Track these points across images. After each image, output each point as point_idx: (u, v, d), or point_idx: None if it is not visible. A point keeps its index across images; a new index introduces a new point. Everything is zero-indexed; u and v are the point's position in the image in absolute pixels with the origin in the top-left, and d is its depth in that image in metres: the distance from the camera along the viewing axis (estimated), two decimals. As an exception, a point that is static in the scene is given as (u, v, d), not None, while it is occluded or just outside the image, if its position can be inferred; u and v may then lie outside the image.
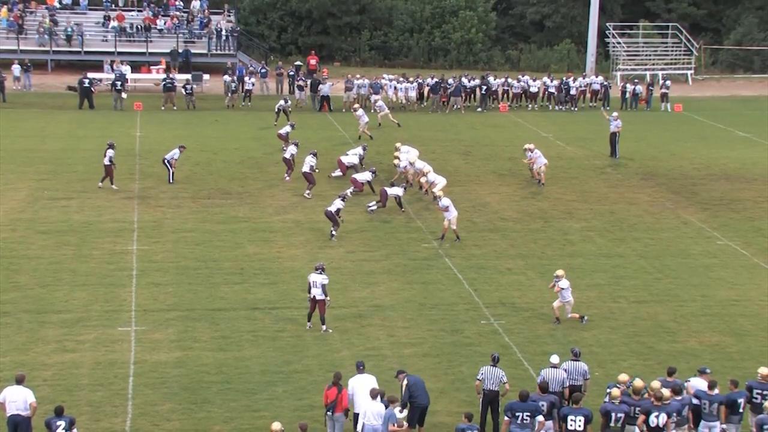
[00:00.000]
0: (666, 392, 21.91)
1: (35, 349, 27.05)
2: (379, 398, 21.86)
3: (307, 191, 41.92)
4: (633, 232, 38.68)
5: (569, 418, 21.59)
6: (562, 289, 29.41)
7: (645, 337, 29.02)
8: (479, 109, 63.11)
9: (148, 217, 38.48)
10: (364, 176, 42.40)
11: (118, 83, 59.79)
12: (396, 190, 40.36)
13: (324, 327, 28.59)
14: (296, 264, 33.90)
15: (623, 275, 34.06)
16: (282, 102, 55.81)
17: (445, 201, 36.80)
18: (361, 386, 22.56)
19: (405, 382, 22.83)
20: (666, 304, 31.59)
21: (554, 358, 23.62)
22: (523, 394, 21.96)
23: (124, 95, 59.58)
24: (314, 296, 28.46)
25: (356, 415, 22.40)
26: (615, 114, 51.78)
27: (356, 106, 55.86)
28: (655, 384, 22.09)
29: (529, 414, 21.72)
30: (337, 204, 36.64)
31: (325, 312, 28.59)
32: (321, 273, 28.61)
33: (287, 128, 49.45)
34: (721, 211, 41.63)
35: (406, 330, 29.08)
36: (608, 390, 22.42)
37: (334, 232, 36.51)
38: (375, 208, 39.85)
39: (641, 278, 33.85)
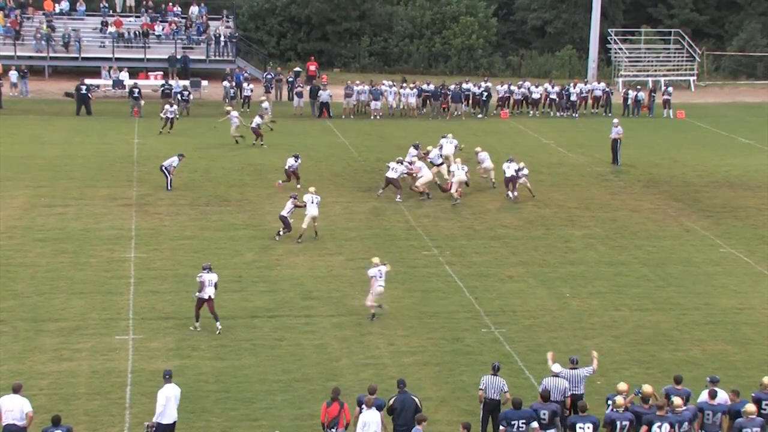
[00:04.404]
0: (678, 401, 21.70)
1: (32, 357, 26.83)
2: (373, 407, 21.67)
3: (398, 196, 42.32)
4: (635, 239, 38.46)
5: (578, 425, 21.43)
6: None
7: (647, 346, 28.81)
8: (480, 116, 62.95)
9: (146, 225, 38.27)
10: (396, 171, 42.44)
11: (136, 90, 59.68)
12: (459, 176, 42.22)
13: (218, 324, 28.74)
14: (295, 272, 33.69)
15: (625, 283, 33.84)
16: (168, 107, 55.02)
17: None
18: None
19: (392, 399, 22.27)
20: (669, 313, 31.38)
21: (556, 367, 23.38)
22: (516, 402, 21.82)
23: (142, 102, 59.31)
24: (209, 296, 28.59)
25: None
26: (616, 121, 51.60)
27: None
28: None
29: (524, 422, 21.55)
30: (288, 207, 36.73)
31: (214, 308, 28.74)
32: (210, 272, 28.95)
33: (257, 120, 51.62)
34: (724, 219, 41.42)
35: (406, 338, 28.86)
36: (609, 401, 22.14)
37: (281, 233, 36.88)
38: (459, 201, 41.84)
39: (643, 286, 33.65)
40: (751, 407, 21.66)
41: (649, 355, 28.20)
